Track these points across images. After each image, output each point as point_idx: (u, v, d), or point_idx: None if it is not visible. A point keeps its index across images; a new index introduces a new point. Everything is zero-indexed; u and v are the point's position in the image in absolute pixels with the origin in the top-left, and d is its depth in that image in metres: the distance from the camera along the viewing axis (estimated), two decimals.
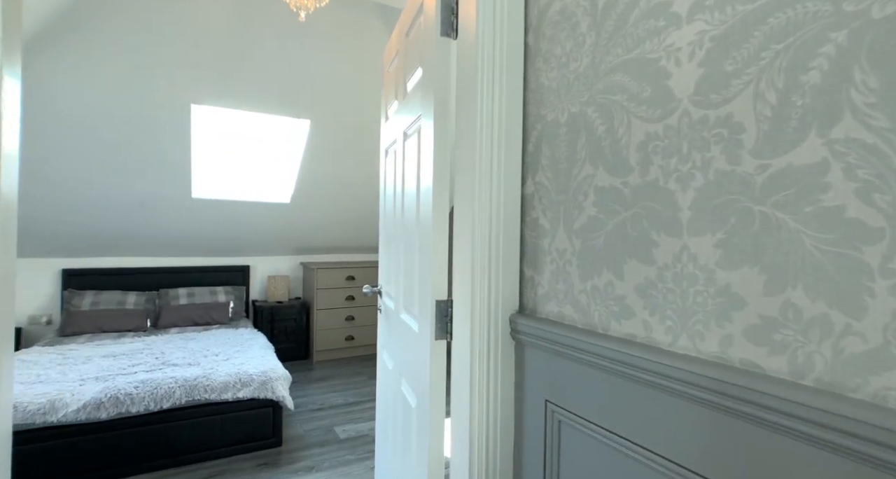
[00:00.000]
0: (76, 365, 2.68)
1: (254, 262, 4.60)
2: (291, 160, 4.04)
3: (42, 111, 2.84)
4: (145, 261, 4.11)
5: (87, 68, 2.72)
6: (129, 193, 3.51)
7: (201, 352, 3.02)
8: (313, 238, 4.70)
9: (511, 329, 1.11)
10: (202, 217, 3.94)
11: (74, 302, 3.63)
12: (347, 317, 4.57)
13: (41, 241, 3.61)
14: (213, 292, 4.13)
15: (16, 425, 2.17)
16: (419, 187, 1.38)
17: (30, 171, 3.14)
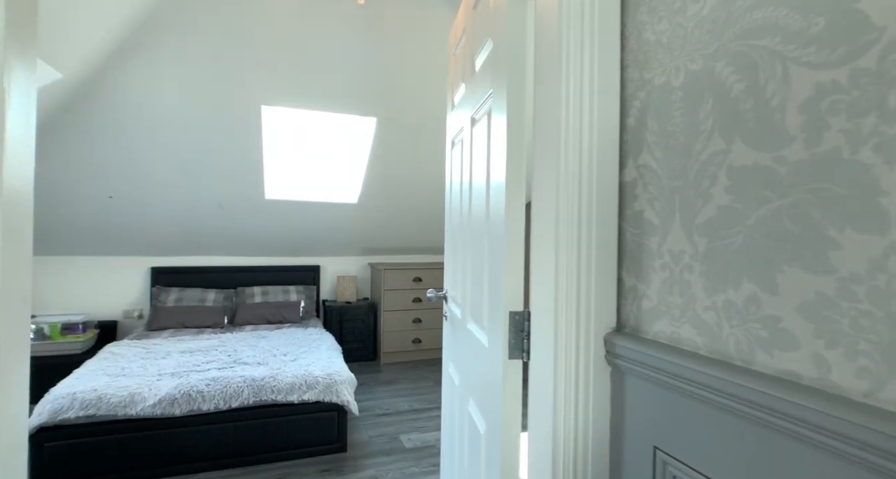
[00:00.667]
0: (156, 360, 2.78)
1: (324, 262, 4.64)
2: (359, 160, 4.02)
3: (129, 116, 2.99)
4: (225, 260, 4.28)
5: (167, 73, 2.82)
6: (209, 195, 3.65)
7: (271, 351, 3.04)
8: (380, 238, 4.66)
9: (606, 352, 0.89)
10: (275, 218, 4.01)
11: (161, 298, 3.84)
12: (414, 319, 4.48)
13: (133, 240, 3.85)
14: (286, 292, 4.21)
15: (99, 416, 2.25)
16: (489, 179, 1.19)
17: (123, 175, 3.35)
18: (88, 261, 3.88)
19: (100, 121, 2.97)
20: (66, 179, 3.27)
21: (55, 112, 2.82)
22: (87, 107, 2.88)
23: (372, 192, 4.08)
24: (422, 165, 3.95)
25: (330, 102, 3.28)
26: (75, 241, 3.72)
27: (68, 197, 3.38)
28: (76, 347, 3.39)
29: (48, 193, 3.31)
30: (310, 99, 3.22)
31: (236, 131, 3.24)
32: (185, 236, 3.95)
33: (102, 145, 3.11)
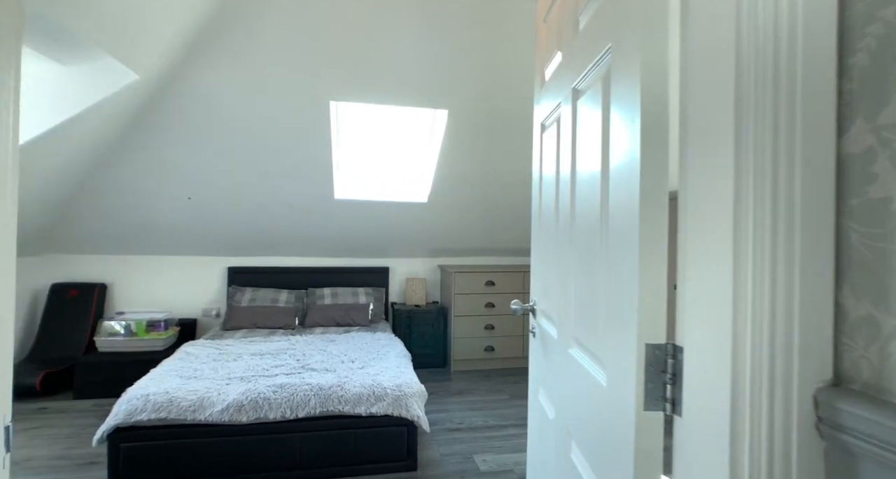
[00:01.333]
0: (227, 362, 2.74)
1: (393, 263, 4.51)
2: (428, 157, 3.83)
3: (201, 117, 3.00)
4: (296, 260, 4.27)
5: (234, 72, 2.78)
6: (280, 195, 3.62)
7: (339, 357, 2.91)
8: (451, 239, 4.45)
9: (818, 418, 0.57)
10: (344, 218, 3.93)
11: (236, 298, 3.88)
12: (487, 326, 4.21)
13: (211, 240, 3.93)
14: (355, 293, 4.11)
15: (170, 419, 2.21)
16: (606, 163, 0.90)
17: (200, 176, 3.39)
18: (171, 260, 4.02)
19: (176, 122, 3.01)
20: (149, 181, 3.36)
21: (135, 114, 2.88)
22: (164, 108, 2.92)
23: (442, 190, 3.88)
24: (496, 160, 3.68)
25: (399, 95, 3.11)
26: (158, 241, 3.86)
27: (151, 198, 3.49)
28: (158, 344, 3.49)
29: (133, 193, 3.43)
30: (378, 92, 3.06)
31: (304, 129, 3.16)
32: (258, 237, 3.98)
33: (179, 146, 3.16)
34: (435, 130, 3.56)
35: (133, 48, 2.36)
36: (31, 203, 3.05)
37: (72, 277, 3.84)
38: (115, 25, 2.19)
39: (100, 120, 2.66)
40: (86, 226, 3.61)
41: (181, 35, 2.50)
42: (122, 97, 2.57)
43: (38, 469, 2.36)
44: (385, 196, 3.91)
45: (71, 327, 3.62)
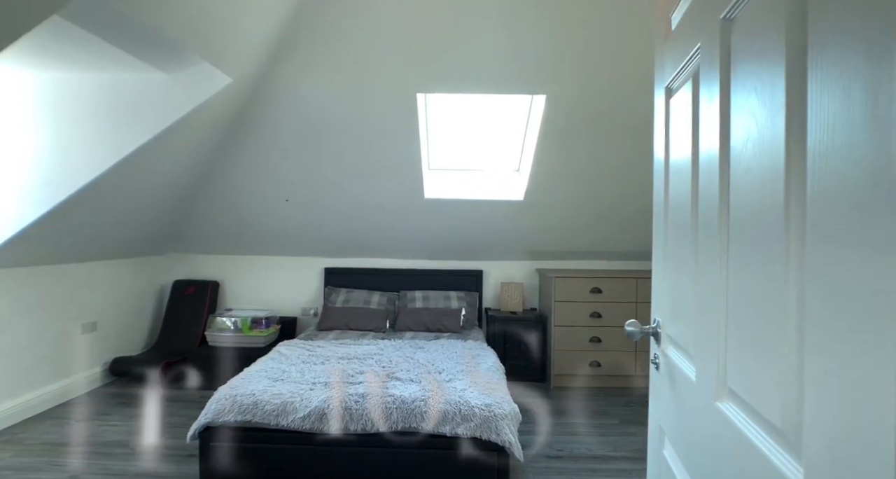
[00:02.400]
0: (315, 365, 2.68)
1: (487, 266, 4.24)
2: (525, 152, 3.50)
3: (291, 118, 3.01)
4: (389, 262, 4.20)
5: (320, 71, 2.75)
6: (371, 196, 3.56)
7: (426, 366, 2.71)
8: (550, 241, 4.07)
9: None
10: (435, 218, 3.76)
11: (332, 298, 3.90)
12: (593, 338, 3.76)
13: (308, 241, 4.00)
14: (447, 297, 3.92)
15: (254, 423, 2.17)
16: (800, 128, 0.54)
17: (294, 177, 3.44)
18: (274, 260, 4.17)
19: (268, 124, 3.05)
20: (250, 183, 3.48)
21: (232, 118, 2.97)
22: (257, 111, 2.97)
23: (540, 187, 3.53)
24: (603, 149, 3.25)
25: (490, 81, 2.84)
26: (262, 241, 4.02)
27: (253, 200, 3.62)
28: (260, 341, 3.60)
29: (237, 196, 3.59)
30: (468, 79, 2.82)
31: (392, 124, 3.04)
32: (352, 238, 3.97)
33: (273, 149, 3.21)
34: (532, 119, 3.23)
35: (225, 52, 2.38)
36: (154, 206, 3.30)
37: (191, 274, 4.16)
38: (207, 29, 2.21)
39: (200, 125, 2.77)
40: (200, 227, 3.87)
41: (268, 35, 2.49)
42: (219, 101, 2.64)
43: (147, 455, 2.48)
44: (477, 194, 3.66)
45: (189, 321, 3.90)
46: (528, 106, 3.26)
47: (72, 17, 1.83)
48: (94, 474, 2.29)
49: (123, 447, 2.56)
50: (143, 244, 3.69)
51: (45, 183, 2.47)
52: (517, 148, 3.62)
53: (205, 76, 2.47)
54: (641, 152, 3.17)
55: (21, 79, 2.51)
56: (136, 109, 2.49)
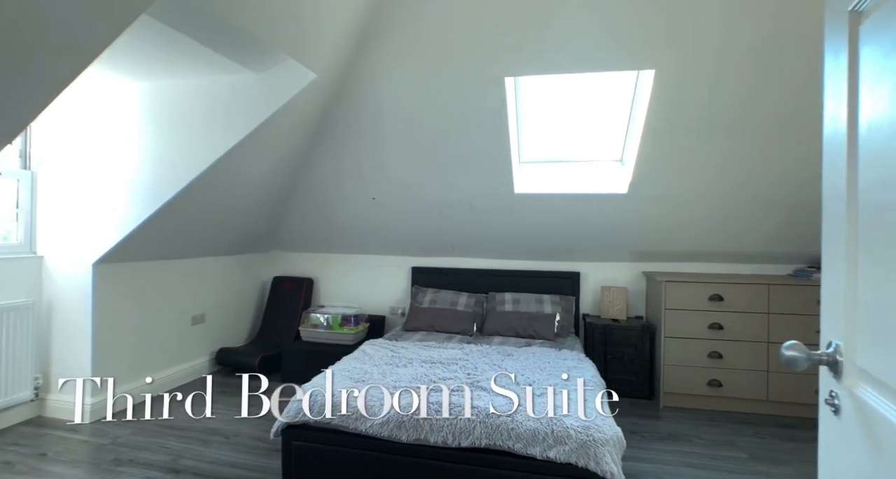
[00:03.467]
0: (397, 368, 2.57)
1: (585, 268, 3.86)
2: (628, 139, 3.10)
3: (375, 113, 2.95)
4: (478, 262, 4.01)
5: (403, 63, 2.64)
6: (458, 193, 3.41)
7: (515, 376, 2.46)
8: (660, 240, 3.58)
9: None
10: (526, 215, 3.50)
11: (418, 298, 3.81)
12: (712, 353, 3.23)
13: (395, 240, 3.96)
14: (539, 301, 3.62)
15: (334, 425, 2.10)
16: None
17: (380, 175, 3.39)
18: (363, 259, 4.19)
19: (353, 121, 3.02)
20: (336, 181, 3.50)
21: (318, 114, 2.97)
22: (341, 108, 2.96)
23: (648, 177, 3.10)
24: (724, 133, 2.75)
25: (589, 57, 2.51)
26: (352, 240, 4.05)
27: (342, 199, 3.64)
28: (349, 338, 3.61)
29: (327, 195, 3.63)
30: (562, 58, 2.53)
31: (478, 114, 2.84)
32: (439, 237, 3.84)
33: (359, 146, 3.18)
34: (638, 100, 2.83)
35: (309, 47, 2.36)
36: (253, 205, 3.45)
37: (288, 271, 4.33)
38: (291, 25, 2.20)
39: (287, 123, 2.80)
40: (296, 226, 4.00)
41: (349, 27, 2.43)
42: (304, 98, 2.64)
43: (238, 447, 2.54)
44: (574, 188, 3.33)
45: (285, 316, 4.05)
46: (632, 85, 2.86)
47: (163, 18, 1.88)
48: (191, 459, 2.38)
49: (219, 436, 2.65)
50: (247, 242, 3.90)
51: (153, 185, 2.65)
52: (619, 135, 3.22)
53: (291, 73, 2.48)
54: (780, 133, 2.63)
55: (126, 88, 2.73)
56: (229, 111, 2.58)
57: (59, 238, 2.77)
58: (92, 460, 2.35)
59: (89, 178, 2.76)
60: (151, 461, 2.35)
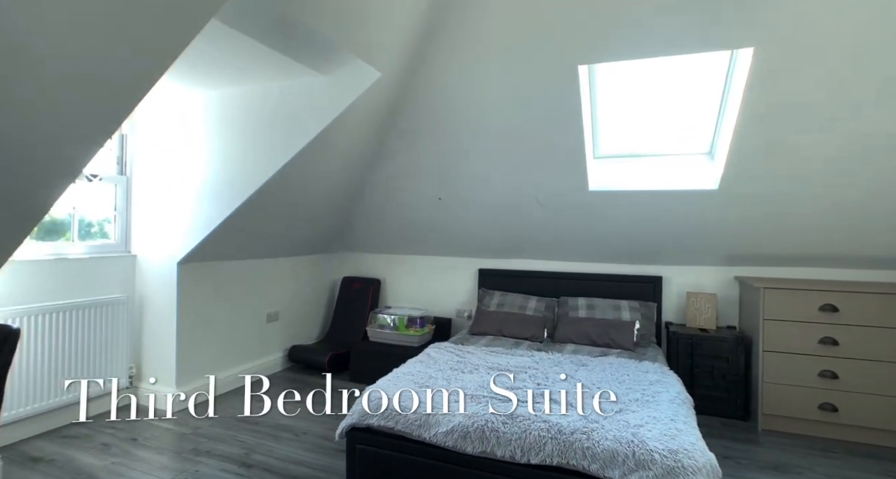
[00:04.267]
0: (462, 374, 2.47)
1: (667, 272, 3.54)
2: (720, 127, 2.78)
3: (441, 111, 2.88)
4: (548, 265, 3.82)
5: (469, 56, 2.55)
6: (526, 191, 3.25)
7: (590, 389, 2.27)
8: (756, 241, 3.20)
9: None
10: (602, 214, 3.26)
11: (485, 301, 3.69)
12: (824, 372, 2.81)
13: (462, 241, 3.87)
14: (616, 307, 3.36)
15: (397, 430, 2.04)
16: None
17: (447, 175, 3.32)
18: (430, 260, 4.15)
19: (419, 119, 2.98)
20: (405, 182, 3.48)
21: (383, 114, 2.95)
22: (407, 106, 2.92)
23: (744, 171, 2.77)
24: (842, 116, 2.37)
25: (674, 39, 2.26)
26: (418, 241, 4.02)
27: (408, 199, 3.62)
28: (414, 340, 3.57)
29: (393, 196, 3.63)
30: (643, 41, 2.30)
31: (548, 106, 2.68)
32: (506, 238, 3.70)
33: (425, 145, 3.13)
34: (733, 84, 2.53)
35: (373, 45, 2.34)
36: (322, 206, 3.52)
37: (357, 272, 4.39)
38: (355, 23, 2.18)
39: (354, 124, 2.81)
40: (362, 227, 4.05)
41: (413, 22, 2.38)
42: (370, 98, 2.63)
43: (307, 445, 2.57)
44: (655, 185, 3.05)
45: (354, 316, 4.11)
46: (725, 67, 2.56)
47: (235, 23, 1.93)
48: (262, 454, 2.43)
49: (289, 432, 2.70)
50: (317, 243, 4.00)
51: (229, 188, 2.79)
52: (708, 126, 2.91)
53: (356, 73, 2.47)
54: None
55: (199, 98, 2.91)
56: (298, 113, 2.64)
57: (150, 238, 2.99)
58: (174, 448, 2.48)
59: (172, 182, 2.95)
60: (227, 453, 2.43)
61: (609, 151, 3.20)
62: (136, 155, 3.02)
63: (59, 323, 2.56)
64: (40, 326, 2.48)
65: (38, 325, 2.47)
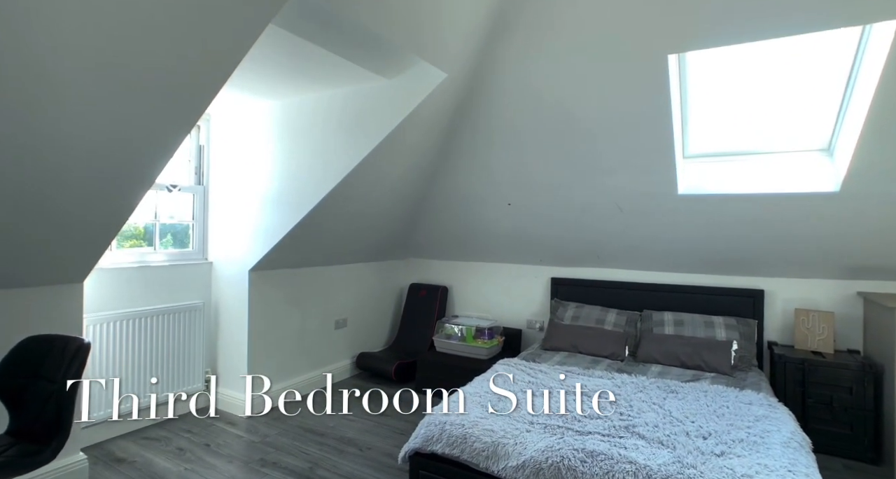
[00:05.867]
0: (534, 398, 2.25)
1: (770, 285, 3.10)
2: (845, 121, 2.36)
3: (514, 112, 2.70)
4: (629, 274, 3.49)
5: (541, 52, 2.35)
6: (606, 194, 2.97)
7: (681, 423, 1.99)
8: (887, 249, 2.69)
9: None
10: (693, 220, 2.91)
11: (559, 313, 3.44)
12: None
13: (533, 248, 3.65)
14: (709, 324, 2.99)
15: (463, 459, 1.89)
16: None
17: (516, 179, 3.14)
18: (499, 268, 3.97)
19: (487, 121, 2.81)
20: (474, 187, 3.33)
21: (449, 115, 2.82)
22: (475, 107, 2.77)
23: (874, 170, 2.32)
24: None
25: (783, 17, 1.91)
26: (487, 248, 3.85)
27: (477, 205, 3.46)
28: (482, 352, 3.41)
29: (461, 201, 3.49)
30: (744, 22, 1.96)
31: (632, 101, 2.40)
32: (582, 245, 3.43)
33: (494, 148, 2.97)
34: (864, 69, 2.11)
35: (437, 46, 2.21)
36: (389, 212, 3.46)
37: (424, 279, 4.31)
38: (417, 24, 2.07)
39: (420, 127, 2.70)
40: (431, 233, 3.94)
41: (477, 20, 2.22)
42: (436, 100, 2.51)
43: (371, 461, 2.49)
44: (758, 187, 2.66)
45: (421, 324, 4.03)
46: (852, 51, 2.15)
47: (293, 28, 1.88)
48: (325, 469, 2.39)
49: (353, 447, 2.64)
50: (383, 249, 3.96)
51: (296, 197, 2.79)
52: (828, 120, 2.48)
53: (421, 76, 2.37)
54: None
55: (264, 108, 2.96)
56: (362, 119, 2.58)
57: (224, 246, 3.08)
58: (243, 457, 2.50)
59: (245, 192, 3.02)
60: (292, 465, 2.41)
61: (701, 149, 2.84)
62: (213, 166, 3.13)
63: (142, 328, 2.69)
64: (124, 331, 2.61)
65: (123, 330, 2.60)
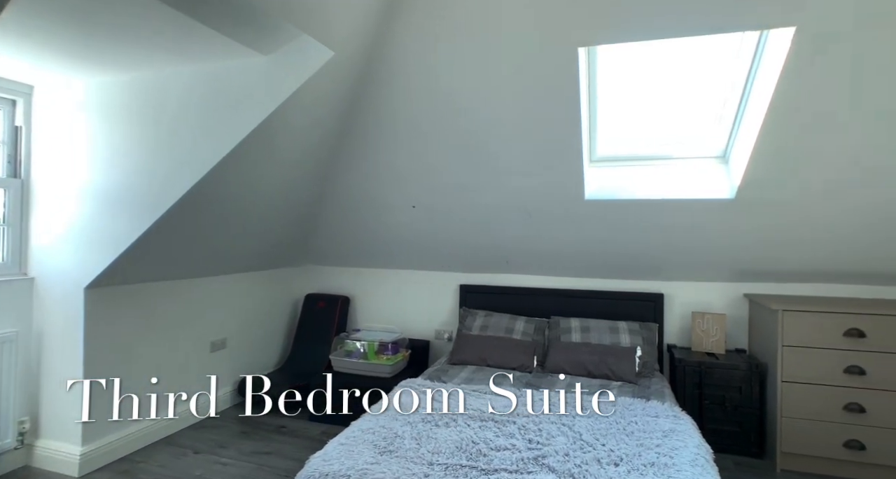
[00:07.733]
0: (436, 428, 1.99)
1: (669, 288, 3.15)
2: (741, 129, 2.39)
3: (415, 105, 2.43)
4: (538, 280, 3.39)
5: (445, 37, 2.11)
6: (513, 198, 2.82)
7: (592, 448, 1.84)
8: (773, 255, 2.83)
9: None
10: (599, 225, 2.85)
11: (467, 323, 3.24)
12: (850, 405, 2.46)
13: (440, 253, 3.42)
14: (614, 329, 2.95)
15: None
16: None
17: (421, 180, 2.88)
18: (405, 275, 3.68)
19: (385, 114, 2.51)
20: (373, 188, 3.02)
21: (341, 104, 2.47)
22: (371, 98, 2.45)
23: (768, 178, 2.38)
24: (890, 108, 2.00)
25: (695, 15, 1.84)
26: (391, 253, 3.55)
27: (377, 207, 3.15)
28: (385, 370, 3.10)
29: (360, 203, 3.16)
30: (656, 18, 1.87)
31: (540, 99, 2.23)
32: (490, 250, 3.26)
33: (393, 145, 2.69)
34: (762, 74, 2.12)
35: (321, 18, 1.85)
36: (275, 214, 3.01)
37: (323, 288, 3.88)
38: None
39: (306, 115, 2.32)
40: (327, 238, 3.55)
41: None
42: (323, 82, 2.15)
43: None
44: (660, 192, 2.65)
45: (317, 340, 3.61)
46: (750, 56, 2.15)
47: None
48: None
49: None
50: (277, 256, 3.48)
51: (148, 194, 2.23)
52: (724, 126, 2.52)
53: (304, 53, 1.99)
54: None
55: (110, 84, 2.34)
56: (232, 101, 2.13)
57: (52, 258, 2.41)
58: None
59: (79, 189, 2.37)
60: None
61: (606, 153, 2.78)
62: (36, 155, 2.44)
63: None
64: None
65: None
